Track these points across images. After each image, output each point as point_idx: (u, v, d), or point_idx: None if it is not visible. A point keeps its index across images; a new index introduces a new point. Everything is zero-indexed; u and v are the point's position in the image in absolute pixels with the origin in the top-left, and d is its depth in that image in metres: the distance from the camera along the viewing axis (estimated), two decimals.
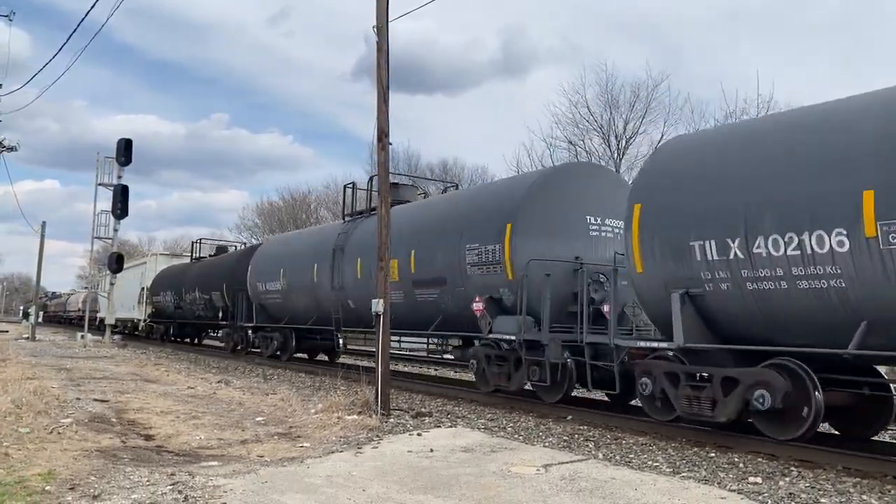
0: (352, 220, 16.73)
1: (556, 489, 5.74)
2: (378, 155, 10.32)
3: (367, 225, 15.39)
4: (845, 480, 6.37)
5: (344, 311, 15.69)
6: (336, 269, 15.82)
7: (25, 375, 13.36)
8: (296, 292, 18.02)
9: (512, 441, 8.06)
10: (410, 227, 13.59)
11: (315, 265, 16.81)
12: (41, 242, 38.45)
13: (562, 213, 11.25)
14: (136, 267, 37.40)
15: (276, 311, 19.56)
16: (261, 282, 19.89)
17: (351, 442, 7.73)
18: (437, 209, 13.98)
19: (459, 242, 12.03)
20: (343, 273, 15.57)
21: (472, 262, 11.74)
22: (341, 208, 18.10)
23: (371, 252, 12.43)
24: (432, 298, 12.72)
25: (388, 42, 10.13)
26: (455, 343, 13.28)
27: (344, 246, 15.82)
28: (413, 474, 6.22)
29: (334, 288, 15.78)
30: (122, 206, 27.78)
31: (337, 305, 15.79)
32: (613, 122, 31.46)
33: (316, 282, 16.63)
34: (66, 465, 6.24)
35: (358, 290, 14.89)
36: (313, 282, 16.95)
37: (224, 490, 5.50)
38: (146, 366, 18.01)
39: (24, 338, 32.01)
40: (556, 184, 11.50)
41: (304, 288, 17.70)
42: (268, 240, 25.81)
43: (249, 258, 21.60)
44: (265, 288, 19.70)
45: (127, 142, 27.93)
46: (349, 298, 15.36)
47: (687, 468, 6.80)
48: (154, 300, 32.23)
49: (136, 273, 36.12)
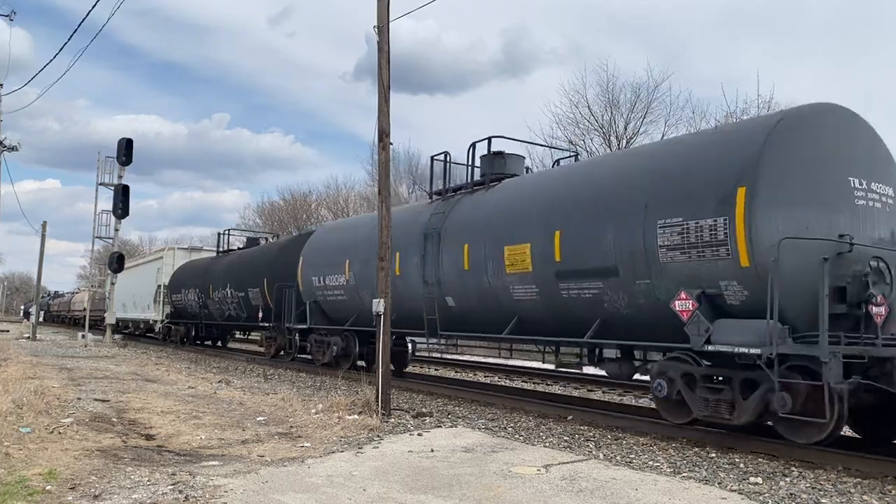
0: (446, 197, 13.23)
1: (556, 489, 5.74)
2: (379, 155, 10.32)
3: (475, 201, 12.16)
4: (846, 481, 6.37)
5: (441, 311, 12.24)
6: (429, 259, 12.43)
7: (26, 375, 13.37)
8: (368, 288, 14.43)
9: (512, 441, 8.06)
10: (546, 201, 10.43)
11: (397, 254, 13.23)
12: (42, 242, 38.49)
13: (817, 171, 7.90)
14: (150, 263, 33.60)
15: (336, 310, 16.28)
16: (317, 276, 16.46)
17: (352, 442, 7.74)
18: (592, 175, 10.32)
19: (643, 217, 8.71)
20: (441, 263, 12.17)
21: (669, 245, 8.35)
22: (429, 184, 14.21)
23: (488, 235, 10.77)
24: (590, 295, 9.52)
25: (390, 42, 10.14)
26: (613, 354, 9.97)
27: (440, 229, 12.29)
28: (414, 474, 6.22)
29: (427, 282, 12.40)
30: (123, 205, 27.81)
31: (430, 304, 12.38)
32: (614, 122, 31.43)
33: (398, 275, 13.22)
34: (66, 464, 6.25)
35: (464, 286, 11.72)
36: (394, 275, 13.39)
37: (224, 490, 5.50)
38: (147, 365, 18.02)
39: (24, 337, 32.02)
40: (806, 129, 8.15)
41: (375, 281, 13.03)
42: (323, 226, 21.26)
43: (299, 248, 18.12)
44: (322, 283, 16.33)
45: (128, 141, 27.98)
46: (448, 295, 12.14)
47: (687, 468, 6.80)
48: (174, 299, 28.59)
49: (151, 269, 32.25)
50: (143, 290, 32.39)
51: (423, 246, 12.63)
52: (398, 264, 13.31)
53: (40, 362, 17.36)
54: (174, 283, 28.61)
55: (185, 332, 28.44)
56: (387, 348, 9.83)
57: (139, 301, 33.21)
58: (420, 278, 12.67)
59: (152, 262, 32.84)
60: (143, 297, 32.45)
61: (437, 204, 13.26)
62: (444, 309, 12.29)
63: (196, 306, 26.06)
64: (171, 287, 28.71)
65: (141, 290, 32.83)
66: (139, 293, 33.13)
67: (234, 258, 24.41)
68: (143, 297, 32.45)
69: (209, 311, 25.10)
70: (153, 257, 34.09)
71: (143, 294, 32.41)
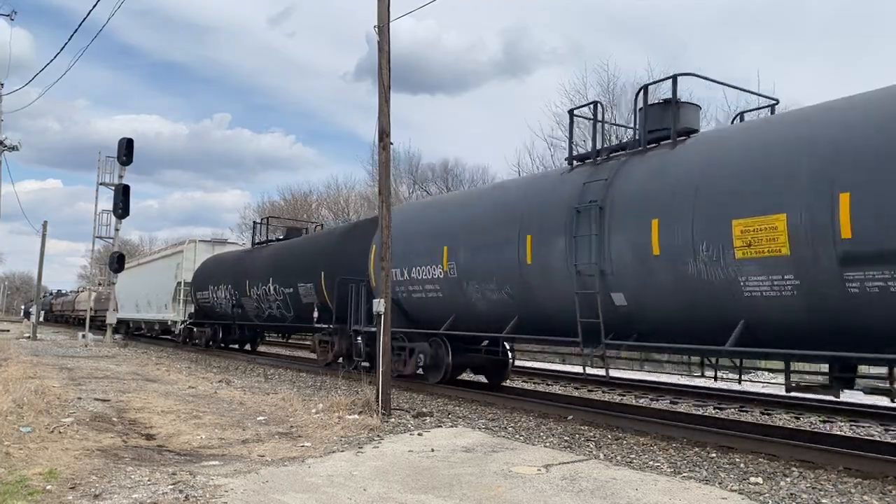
0: (598, 161, 10.16)
1: (556, 489, 5.74)
2: (379, 155, 10.32)
3: (656, 164, 9.14)
4: (846, 481, 6.37)
5: (606, 312, 9.15)
6: (583, 242, 9.44)
7: (27, 374, 13.38)
8: (477, 281, 11.50)
9: (513, 441, 8.06)
10: (825, 148, 7.11)
11: (527, 237, 10.41)
12: (42, 242, 38.50)
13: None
14: (168, 258, 30.15)
15: (424, 310, 13.13)
16: (398, 267, 13.11)
17: (352, 442, 7.74)
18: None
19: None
20: (607, 247, 9.12)
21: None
22: (567, 145, 11.25)
23: (697, 205, 8.09)
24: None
25: (390, 42, 10.14)
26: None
27: (603, 202, 9.29)
28: (414, 474, 6.22)
29: (581, 273, 9.46)
30: (124, 205, 27.85)
31: (587, 302, 9.36)
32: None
33: (528, 263, 10.35)
34: (67, 464, 6.25)
35: (648, 277, 8.69)
36: (518, 263, 10.56)
37: (225, 489, 5.50)
38: (147, 365, 18.03)
39: (25, 337, 32.03)
40: None
41: (495, 273, 11.07)
42: (407, 205, 17.94)
43: (369, 234, 15.00)
44: (407, 276, 13.23)
45: (128, 141, 28.02)
46: (618, 290, 9.07)
47: (688, 468, 6.79)
48: (198, 297, 25.35)
49: (169, 265, 29.02)
50: (160, 289, 29.49)
51: (573, 225, 9.64)
52: (528, 249, 10.41)
53: (41, 362, 17.36)
54: (199, 279, 25.48)
55: (212, 334, 25.34)
56: (387, 348, 9.84)
57: (154, 300, 30.42)
58: (567, 267, 9.66)
59: (170, 258, 29.63)
60: (160, 296, 29.56)
61: (585, 170, 10.12)
62: (609, 309, 9.16)
63: (227, 305, 22.92)
64: (196, 284, 25.61)
65: (157, 289, 29.97)
66: (154, 292, 30.35)
67: (277, 249, 21.00)
68: (160, 296, 29.56)
69: (244, 310, 21.98)
70: (171, 251, 30.79)
71: (160, 292, 29.52)
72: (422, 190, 44.25)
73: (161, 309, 29.45)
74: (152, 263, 33.01)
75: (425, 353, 13.17)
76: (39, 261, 39.22)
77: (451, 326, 12.38)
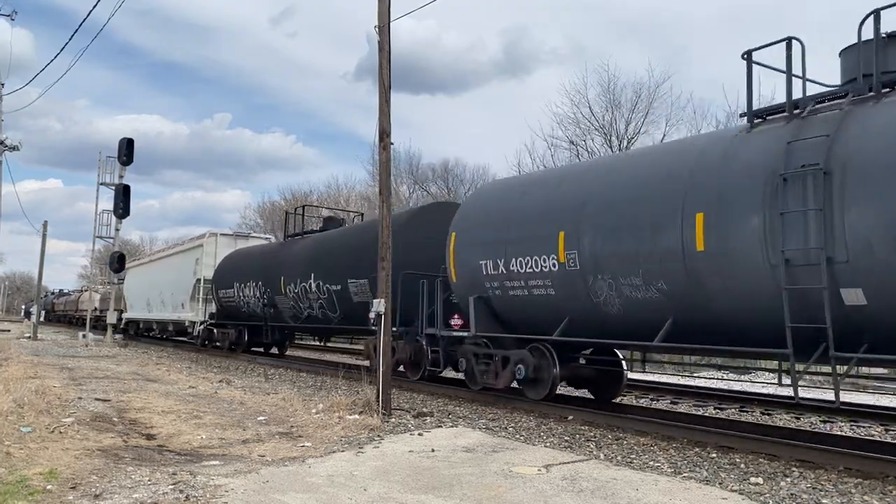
0: (801, 115, 7.74)
1: (557, 489, 5.75)
2: (380, 155, 10.33)
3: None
4: (847, 481, 6.37)
5: (835, 315, 6.84)
6: (794, 222, 7.16)
7: (27, 374, 13.39)
8: (612, 274, 9.06)
9: (513, 441, 8.06)
10: None
11: (698, 216, 8.02)
12: (43, 242, 38.49)
13: None
14: (185, 253, 27.39)
15: (528, 310, 10.59)
16: (490, 258, 10.91)
17: (352, 442, 7.74)
18: None
19: None
20: (838, 227, 6.84)
21: None
22: (746, 98, 8.37)
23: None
24: None
25: (390, 42, 10.15)
26: None
27: (827, 166, 6.97)
28: (414, 474, 6.22)
29: (791, 263, 7.15)
30: (124, 205, 27.89)
31: (800, 301, 7.12)
32: (615, 123, 31.46)
33: (700, 250, 7.98)
34: (67, 464, 6.25)
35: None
36: (682, 250, 8.20)
37: (225, 489, 5.50)
38: (147, 365, 18.04)
39: (25, 337, 32.05)
40: None
41: (641, 264, 8.66)
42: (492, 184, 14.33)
43: (444, 219, 12.68)
44: (503, 269, 10.69)
45: (129, 141, 28.06)
46: (853, 285, 6.82)
47: (688, 469, 6.79)
48: (221, 296, 22.88)
49: (186, 261, 26.32)
50: (176, 286, 26.84)
51: (777, 198, 7.32)
52: (698, 232, 8.03)
53: (41, 362, 17.38)
54: (221, 275, 22.90)
55: (237, 336, 22.77)
56: (387, 348, 9.84)
57: (169, 299, 27.61)
58: (763, 255, 7.41)
59: (188, 252, 26.84)
60: (176, 295, 26.84)
61: (779, 128, 7.86)
62: (838, 310, 6.87)
63: (257, 305, 20.43)
64: (218, 281, 23.09)
65: (172, 286, 27.33)
66: (169, 290, 27.54)
67: (318, 241, 18.41)
68: (176, 295, 26.84)
69: (277, 310, 19.41)
70: (189, 246, 27.60)
71: (176, 290, 26.85)
72: (422, 190, 44.26)
73: (177, 308, 26.78)
74: (167, 259, 30.07)
75: (526, 364, 10.57)
76: (40, 261, 39.25)
77: (565, 332, 9.91)
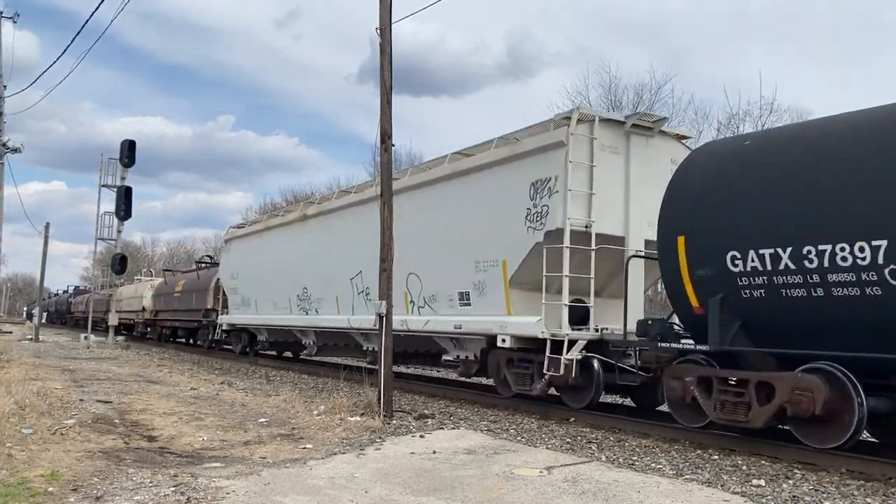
0: None
1: (558, 491, 5.74)
2: (381, 156, 10.32)
3: None
4: (849, 483, 6.36)
5: None
6: None
7: (29, 376, 13.39)
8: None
9: (515, 443, 8.05)
10: None
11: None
12: (45, 243, 38.49)
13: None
14: (506, 163, 10.84)
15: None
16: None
17: (353, 443, 7.73)
18: None
19: None
20: None
21: None
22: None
23: None
24: None
25: (392, 44, 10.14)
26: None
27: None
28: (416, 476, 6.21)
29: None
30: (126, 207, 27.91)
31: None
32: None
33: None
34: (69, 466, 6.25)
35: None
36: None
37: (226, 491, 5.50)
38: (149, 367, 18.04)
39: (27, 338, 32.07)
40: None
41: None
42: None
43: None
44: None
45: (130, 143, 28.09)
46: None
47: (690, 471, 6.78)
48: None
49: (509, 176, 10.68)
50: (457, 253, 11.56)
51: None
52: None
53: (43, 363, 17.39)
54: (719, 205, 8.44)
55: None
56: (389, 351, 9.82)
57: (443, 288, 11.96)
58: None
59: (511, 165, 10.79)
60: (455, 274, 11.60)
61: None
62: None
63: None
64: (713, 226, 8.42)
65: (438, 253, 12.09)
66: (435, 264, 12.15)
67: None
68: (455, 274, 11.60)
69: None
70: (514, 149, 10.76)
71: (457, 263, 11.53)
72: None
73: (451, 306, 11.68)
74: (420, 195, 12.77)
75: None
76: (42, 262, 39.22)
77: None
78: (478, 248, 11.08)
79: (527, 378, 10.44)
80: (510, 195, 10.51)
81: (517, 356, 10.58)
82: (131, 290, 34.80)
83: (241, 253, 20.51)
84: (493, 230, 10.81)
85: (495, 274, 10.73)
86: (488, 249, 10.89)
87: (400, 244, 10.80)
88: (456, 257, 11.53)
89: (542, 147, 10.25)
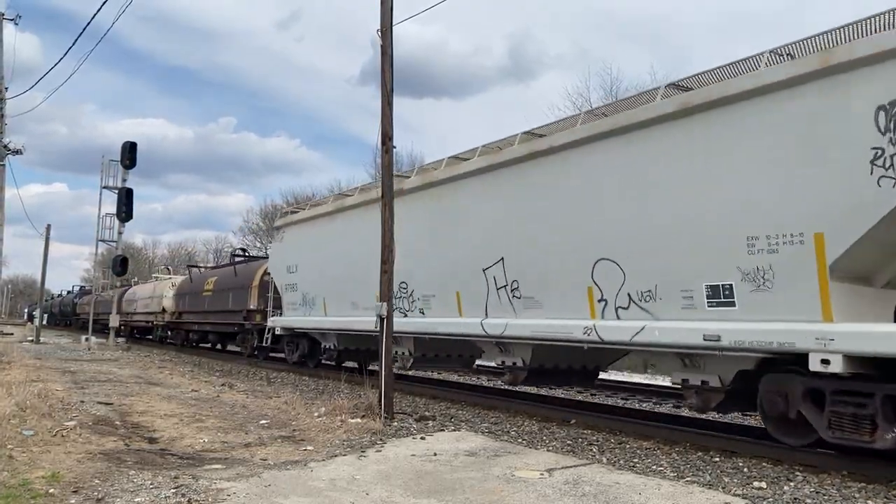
0: None
1: (559, 493, 5.73)
2: (382, 158, 10.32)
3: None
4: (850, 485, 6.35)
5: None
6: None
7: (30, 378, 13.38)
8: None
9: (515, 445, 8.04)
10: None
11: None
12: (46, 245, 38.49)
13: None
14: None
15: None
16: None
17: (354, 445, 7.73)
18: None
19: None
20: None
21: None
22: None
23: None
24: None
25: (393, 46, 10.15)
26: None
27: None
28: (416, 478, 6.21)
29: None
30: (127, 208, 27.94)
31: None
32: None
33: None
34: (69, 467, 6.25)
35: None
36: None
37: (227, 493, 5.50)
38: (150, 369, 18.04)
39: (28, 340, 32.08)
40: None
41: None
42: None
43: None
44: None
45: (131, 145, 28.13)
46: None
47: (691, 473, 6.78)
48: None
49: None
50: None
51: None
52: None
53: (44, 365, 17.39)
54: None
55: None
56: (389, 353, 9.83)
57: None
58: None
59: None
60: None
61: None
62: None
63: None
64: None
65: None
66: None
67: None
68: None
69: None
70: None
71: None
72: None
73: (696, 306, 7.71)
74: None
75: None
76: (43, 264, 39.23)
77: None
78: (751, 217, 7.16)
79: (862, 421, 6.54)
80: (830, 129, 6.52)
81: (838, 387, 6.71)
82: (148, 290, 30.68)
83: (300, 241, 16.15)
84: (790, 187, 6.84)
85: (795, 257, 6.81)
86: (777, 218, 6.95)
87: (584, 216, 8.73)
88: (699, 232, 7.63)
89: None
